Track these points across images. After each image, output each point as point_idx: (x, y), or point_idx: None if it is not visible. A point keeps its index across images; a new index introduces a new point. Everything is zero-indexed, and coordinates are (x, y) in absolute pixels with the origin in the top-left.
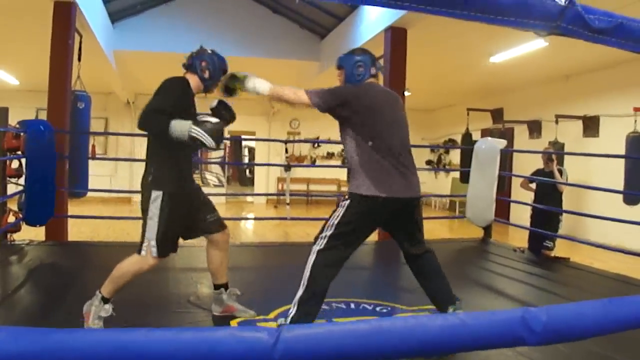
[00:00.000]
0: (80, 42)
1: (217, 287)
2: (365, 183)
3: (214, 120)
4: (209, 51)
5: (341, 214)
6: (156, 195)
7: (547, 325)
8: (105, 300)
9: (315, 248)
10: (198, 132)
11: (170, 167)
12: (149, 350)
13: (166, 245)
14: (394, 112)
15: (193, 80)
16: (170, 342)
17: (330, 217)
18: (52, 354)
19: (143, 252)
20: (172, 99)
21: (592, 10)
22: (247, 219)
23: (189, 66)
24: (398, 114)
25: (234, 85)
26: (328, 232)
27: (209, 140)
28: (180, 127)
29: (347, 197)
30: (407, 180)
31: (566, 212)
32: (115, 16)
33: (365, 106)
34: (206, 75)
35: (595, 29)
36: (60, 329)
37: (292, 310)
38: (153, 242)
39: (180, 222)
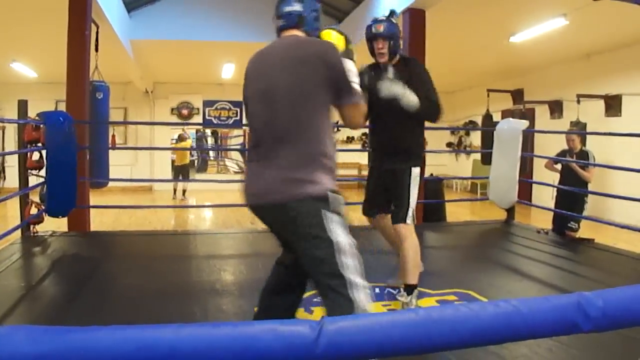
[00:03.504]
0: (97, 33)
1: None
2: None
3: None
4: None
5: None
6: None
7: (604, 310)
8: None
9: None
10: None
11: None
12: (178, 348)
13: (364, 206)
14: (264, 80)
15: None
16: (202, 339)
17: None
18: (74, 354)
19: None
20: None
21: None
22: None
23: None
24: (272, 81)
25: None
26: None
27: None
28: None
29: None
30: (259, 179)
31: (591, 192)
32: (130, 5)
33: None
34: None
35: None
36: (81, 327)
37: None
38: None
39: (370, 190)
